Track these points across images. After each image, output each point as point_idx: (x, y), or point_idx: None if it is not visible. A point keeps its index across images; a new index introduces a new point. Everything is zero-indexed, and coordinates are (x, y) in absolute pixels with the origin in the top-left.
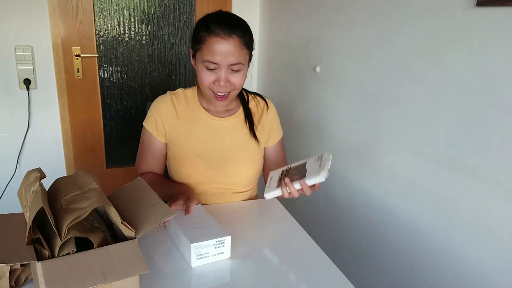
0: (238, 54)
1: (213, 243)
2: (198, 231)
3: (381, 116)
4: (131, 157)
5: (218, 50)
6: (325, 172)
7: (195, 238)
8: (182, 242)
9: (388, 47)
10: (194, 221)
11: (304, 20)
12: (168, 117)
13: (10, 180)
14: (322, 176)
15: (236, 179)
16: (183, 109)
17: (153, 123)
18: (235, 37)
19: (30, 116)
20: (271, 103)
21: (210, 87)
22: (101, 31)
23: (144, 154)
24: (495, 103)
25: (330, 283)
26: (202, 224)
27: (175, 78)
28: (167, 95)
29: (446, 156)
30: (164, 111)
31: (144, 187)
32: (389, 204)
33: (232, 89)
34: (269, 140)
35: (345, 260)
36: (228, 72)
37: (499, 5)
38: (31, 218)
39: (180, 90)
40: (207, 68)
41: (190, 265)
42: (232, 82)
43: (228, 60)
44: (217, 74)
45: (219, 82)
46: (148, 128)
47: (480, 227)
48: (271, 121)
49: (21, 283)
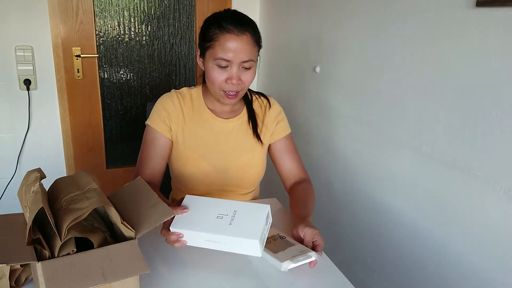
0: (250, 51)
1: (264, 223)
2: (239, 222)
3: (381, 116)
4: (131, 157)
5: (231, 47)
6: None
7: (248, 231)
8: (235, 242)
9: (388, 47)
10: (212, 213)
11: (304, 20)
12: (174, 115)
13: (10, 181)
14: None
15: (239, 181)
16: (188, 109)
17: (159, 119)
18: (247, 34)
19: (30, 116)
20: (274, 101)
21: (221, 86)
22: (101, 32)
23: (148, 153)
24: (495, 103)
25: (330, 283)
26: (229, 213)
27: (175, 78)
28: (173, 94)
29: (445, 156)
30: (171, 108)
31: (144, 187)
32: (389, 204)
33: (242, 87)
34: (272, 136)
35: (345, 260)
36: (240, 69)
37: (498, 5)
38: (31, 218)
39: (185, 90)
40: (219, 66)
41: (259, 255)
42: (243, 80)
43: (240, 57)
44: (228, 72)
45: (231, 80)
46: (153, 125)
47: (479, 227)
48: (275, 116)
49: (21, 283)
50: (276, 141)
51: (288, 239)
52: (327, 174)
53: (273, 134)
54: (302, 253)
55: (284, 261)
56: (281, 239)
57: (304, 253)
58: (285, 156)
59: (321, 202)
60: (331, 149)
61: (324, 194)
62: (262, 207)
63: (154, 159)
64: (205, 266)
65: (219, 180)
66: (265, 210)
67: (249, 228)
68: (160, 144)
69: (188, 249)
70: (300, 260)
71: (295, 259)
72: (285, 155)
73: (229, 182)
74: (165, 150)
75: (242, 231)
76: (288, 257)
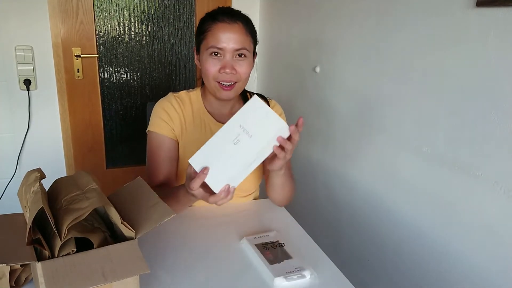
0: (243, 39)
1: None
2: (255, 128)
3: (381, 116)
4: (131, 157)
5: (223, 35)
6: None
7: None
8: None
9: (388, 47)
10: (228, 147)
11: (304, 20)
12: (175, 118)
13: (10, 180)
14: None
15: (238, 185)
16: (188, 114)
17: (161, 122)
18: (239, 23)
19: (30, 116)
20: (274, 103)
21: (215, 77)
22: (101, 32)
23: (156, 160)
24: (495, 103)
25: (330, 283)
26: (240, 131)
27: (175, 78)
28: (171, 97)
29: (446, 156)
30: (171, 111)
31: (144, 187)
32: (389, 204)
33: (238, 79)
34: None
35: (345, 260)
36: (234, 59)
37: (498, 5)
38: (31, 218)
39: (184, 93)
40: (213, 56)
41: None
42: (238, 70)
43: (232, 45)
44: (222, 62)
45: (224, 68)
46: (156, 130)
47: (480, 227)
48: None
49: (21, 283)
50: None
51: (287, 249)
52: (326, 174)
53: None
54: (297, 270)
55: (278, 276)
56: (280, 248)
57: (299, 270)
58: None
59: (320, 202)
60: (331, 149)
61: (323, 193)
62: (255, 103)
63: (165, 163)
64: (205, 266)
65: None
66: (260, 103)
67: (268, 123)
68: (168, 147)
69: (188, 249)
70: (293, 279)
71: (289, 277)
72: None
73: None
74: (174, 152)
75: (266, 130)
76: (282, 273)
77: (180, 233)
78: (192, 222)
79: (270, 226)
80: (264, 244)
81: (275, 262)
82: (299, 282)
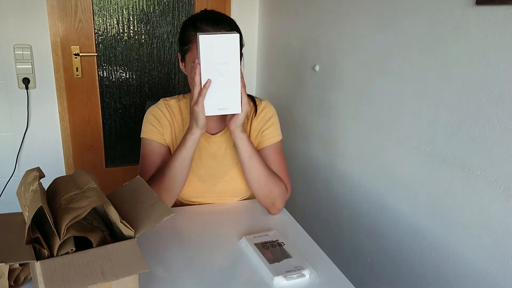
0: None
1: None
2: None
3: (380, 115)
4: (130, 156)
5: None
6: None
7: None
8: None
9: (387, 46)
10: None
11: (303, 19)
12: (165, 125)
13: (9, 180)
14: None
15: (230, 192)
16: (178, 123)
17: (152, 128)
18: (223, 31)
19: (29, 115)
20: (266, 105)
21: None
22: (100, 30)
23: (147, 163)
24: (494, 101)
25: (329, 282)
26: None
27: (174, 77)
28: (162, 104)
29: (445, 155)
30: (161, 117)
31: (143, 186)
32: (388, 203)
33: None
34: (259, 144)
35: (344, 259)
36: None
37: (498, 3)
38: (30, 217)
39: (174, 102)
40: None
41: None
42: None
43: None
44: None
45: None
46: (147, 136)
47: (479, 225)
48: (263, 123)
49: (20, 283)
50: (261, 149)
51: (286, 248)
52: (326, 173)
53: (260, 142)
54: (296, 269)
55: (277, 275)
56: (279, 247)
57: (298, 269)
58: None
59: (320, 201)
60: (331, 147)
61: (323, 193)
62: (203, 39)
63: (156, 167)
64: (204, 265)
65: (209, 192)
66: (207, 37)
67: (226, 44)
68: (160, 152)
69: (187, 248)
70: (293, 278)
71: (288, 276)
72: (269, 165)
73: (220, 194)
74: (165, 157)
75: (230, 49)
76: (281, 272)
77: (179, 232)
78: (192, 221)
79: (270, 225)
80: (263, 244)
81: (274, 261)
82: (299, 281)
